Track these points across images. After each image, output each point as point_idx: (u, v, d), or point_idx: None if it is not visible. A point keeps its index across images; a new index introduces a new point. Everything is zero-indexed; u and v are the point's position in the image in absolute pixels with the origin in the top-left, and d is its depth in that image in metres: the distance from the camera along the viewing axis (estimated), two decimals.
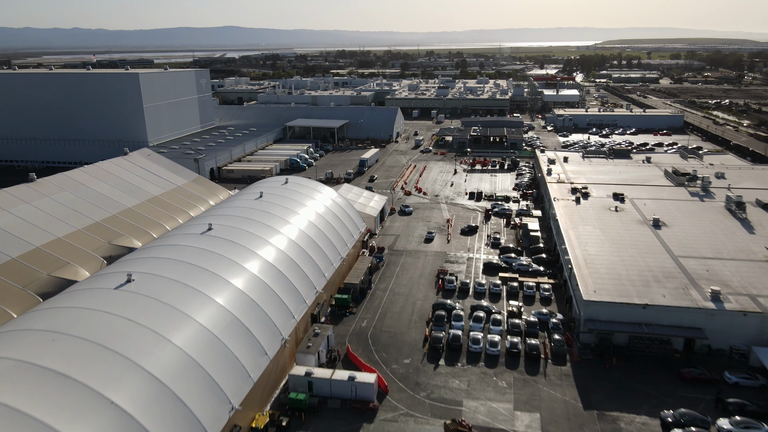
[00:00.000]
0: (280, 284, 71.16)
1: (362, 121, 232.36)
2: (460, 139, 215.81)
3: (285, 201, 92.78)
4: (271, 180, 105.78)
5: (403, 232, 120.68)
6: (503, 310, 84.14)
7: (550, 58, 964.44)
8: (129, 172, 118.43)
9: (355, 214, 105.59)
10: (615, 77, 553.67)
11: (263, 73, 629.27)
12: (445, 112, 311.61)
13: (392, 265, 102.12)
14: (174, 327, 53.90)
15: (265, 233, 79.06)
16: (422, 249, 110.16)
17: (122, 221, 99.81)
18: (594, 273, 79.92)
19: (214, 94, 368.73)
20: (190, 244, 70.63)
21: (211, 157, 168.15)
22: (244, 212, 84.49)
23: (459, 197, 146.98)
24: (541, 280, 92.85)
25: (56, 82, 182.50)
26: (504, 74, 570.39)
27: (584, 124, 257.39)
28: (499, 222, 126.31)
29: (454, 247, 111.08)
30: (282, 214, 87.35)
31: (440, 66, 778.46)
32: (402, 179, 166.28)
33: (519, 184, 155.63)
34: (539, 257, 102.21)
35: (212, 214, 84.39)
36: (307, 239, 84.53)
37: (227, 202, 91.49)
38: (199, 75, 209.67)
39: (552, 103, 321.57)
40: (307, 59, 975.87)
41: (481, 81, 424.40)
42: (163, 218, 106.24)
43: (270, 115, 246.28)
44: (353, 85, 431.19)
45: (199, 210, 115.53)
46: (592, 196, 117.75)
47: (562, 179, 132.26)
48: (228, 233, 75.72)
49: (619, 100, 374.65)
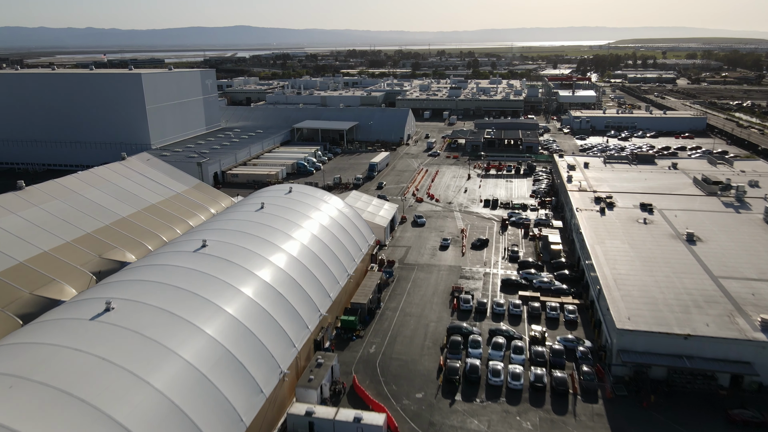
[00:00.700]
0: (279, 308, 64.42)
1: (372, 122, 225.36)
2: (474, 142, 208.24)
3: (288, 212, 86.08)
4: (273, 189, 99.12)
5: (415, 243, 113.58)
6: (525, 334, 76.82)
7: (563, 58, 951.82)
8: (126, 178, 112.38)
9: (363, 226, 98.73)
10: (630, 77, 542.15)
11: (273, 72, 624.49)
12: (458, 114, 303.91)
13: (403, 281, 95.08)
14: (154, 366, 47.27)
15: (265, 250, 72.37)
16: (435, 262, 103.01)
17: (115, 232, 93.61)
18: (626, 296, 72.36)
19: (223, 95, 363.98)
20: (180, 263, 64.05)
21: (215, 160, 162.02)
22: (242, 226, 77.87)
23: (473, 205, 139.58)
24: (565, 301, 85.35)
25: (58, 83, 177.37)
26: (517, 74, 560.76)
27: (602, 126, 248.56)
28: (517, 233, 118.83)
29: (469, 260, 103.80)
30: (284, 227, 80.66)
31: (451, 66, 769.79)
32: (413, 185, 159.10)
33: (536, 191, 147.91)
34: (562, 273, 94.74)
35: (208, 228, 77.86)
36: (311, 255, 77.77)
37: (225, 214, 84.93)
38: (204, 75, 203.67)
39: (568, 104, 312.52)
40: (318, 59, 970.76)
41: (494, 81, 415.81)
42: (160, 228, 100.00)
43: (278, 117, 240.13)
44: (363, 86, 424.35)
45: (199, 219, 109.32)
46: (618, 206, 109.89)
47: (583, 187, 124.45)
48: (223, 250, 69.10)
49: (636, 101, 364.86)
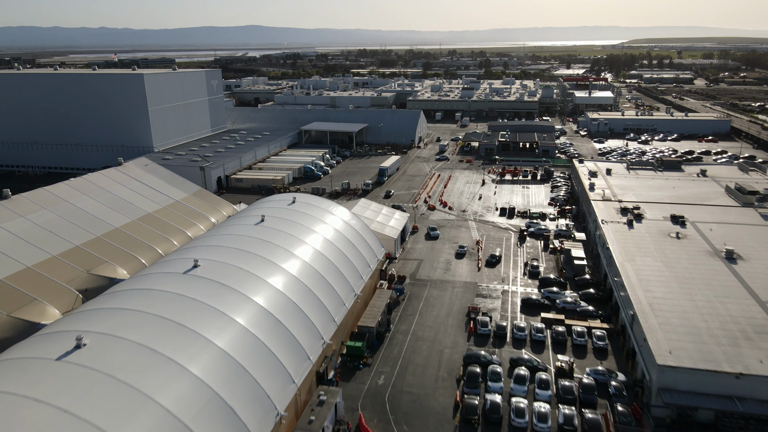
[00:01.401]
0: (277, 338, 57.60)
1: (383, 125, 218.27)
2: (488, 145, 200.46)
3: (290, 226, 79.28)
4: (276, 199, 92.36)
5: (427, 255, 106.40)
6: (550, 364, 69.45)
7: (576, 58, 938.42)
8: (121, 185, 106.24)
9: (372, 239, 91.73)
10: (646, 77, 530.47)
11: (283, 72, 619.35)
12: (470, 115, 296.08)
13: (415, 299, 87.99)
14: (126, 417, 40.56)
15: (263, 270, 65.58)
16: (449, 278, 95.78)
17: (106, 245, 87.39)
18: (665, 324, 64.76)
19: (231, 95, 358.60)
20: (167, 287, 57.39)
21: (218, 164, 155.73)
22: (239, 242, 71.15)
23: (489, 213, 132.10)
24: (593, 325, 77.82)
25: (58, 84, 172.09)
26: (530, 74, 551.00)
27: (620, 129, 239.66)
28: (536, 245, 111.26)
29: (486, 276, 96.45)
30: (285, 243, 73.85)
31: (463, 65, 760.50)
32: (425, 191, 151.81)
33: (555, 198, 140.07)
34: (587, 293, 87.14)
35: (202, 244, 71.19)
36: (315, 275, 70.90)
37: (222, 228, 78.27)
38: (209, 76, 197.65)
39: (584, 105, 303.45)
40: (328, 58, 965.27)
41: (507, 82, 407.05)
42: (155, 240, 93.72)
43: (285, 118, 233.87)
44: (374, 86, 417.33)
45: (198, 229, 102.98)
46: (646, 218, 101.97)
47: (607, 196, 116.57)
48: (216, 272, 62.38)
49: (654, 102, 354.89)
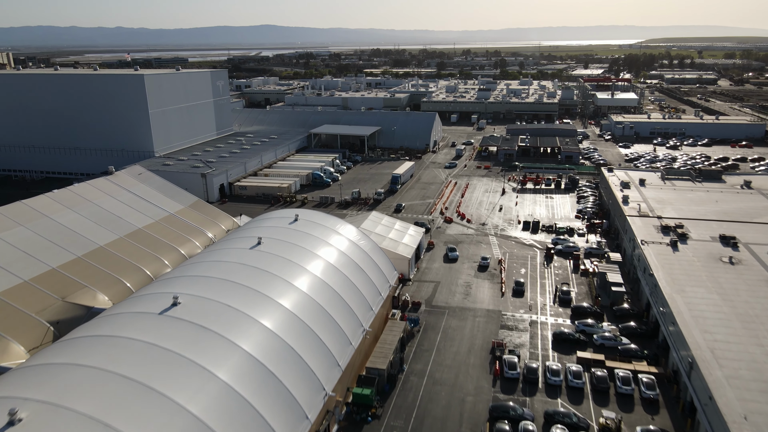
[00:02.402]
0: (268, 394, 47.93)
1: (396, 128, 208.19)
2: (507, 150, 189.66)
3: (289, 250, 69.61)
4: (275, 216, 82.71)
5: (445, 276, 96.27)
6: (592, 420, 59.07)
7: (593, 58, 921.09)
8: (110, 197, 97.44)
9: (384, 261, 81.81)
10: (667, 78, 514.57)
11: (295, 72, 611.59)
12: (486, 117, 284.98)
13: (431, 331, 77.98)
14: None
15: (254, 307, 55.97)
16: (470, 305, 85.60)
17: (87, 267, 78.45)
18: (733, 378, 54.14)
19: (241, 95, 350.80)
20: (136, 335, 47.93)
21: (221, 171, 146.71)
22: (229, 271, 61.59)
23: (510, 227, 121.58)
24: (639, 368, 67.23)
25: (56, 84, 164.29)
26: (547, 75, 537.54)
27: (646, 132, 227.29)
28: (565, 264, 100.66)
29: (511, 303, 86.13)
30: (283, 271, 64.16)
31: (478, 65, 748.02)
32: (441, 201, 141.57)
33: (582, 210, 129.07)
34: (628, 326, 76.54)
35: (186, 273, 61.69)
36: (316, 309, 61.15)
37: (212, 253, 68.75)
38: (215, 76, 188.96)
39: (606, 107, 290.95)
40: (341, 58, 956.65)
41: (525, 82, 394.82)
42: (143, 259, 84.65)
43: (295, 120, 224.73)
44: (387, 86, 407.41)
45: (192, 246, 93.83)
46: (692, 238, 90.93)
47: (644, 211, 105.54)
48: (198, 311, 52.87)
49: (679, 103, 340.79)
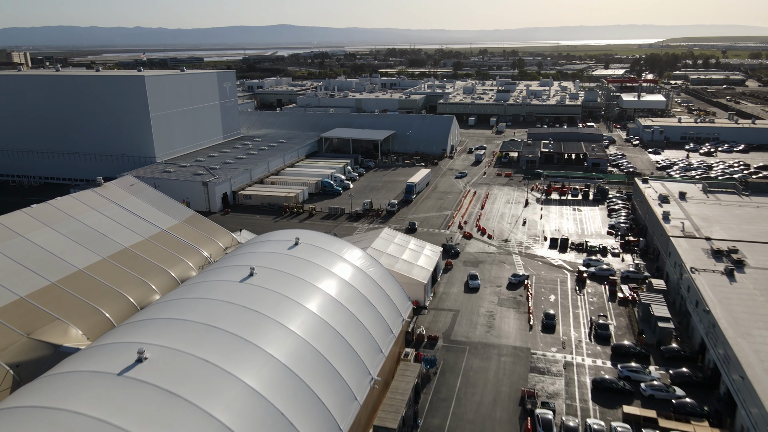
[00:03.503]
0: None
1: (411, 132, 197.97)
2: (529, 156, 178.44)
3: (286, 283, 59.84)
4: (274, 239, 72.92)
5: (465, 303, 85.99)
6: None
7: (614, 57, 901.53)
8: (96, 211, 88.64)
9: (396, 290, 71.68)
10: (692, 78, 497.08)
11: (309, 72, 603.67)
12: (506, 120, 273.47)
13: (450, 374, 67.81)
14: None
15: (239, 360, 46.22)
16: (493, 340, 75.23)
17: (61, 295, 69.53)
18: None
19: (252, 96, 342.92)
20: (83, 408, 38.21)
21: (225, 178, 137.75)
22: (212, 311, 51.96)
23: (536, 245, 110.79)
24: (699, 429, 56.37)
25: (55, 86, 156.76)
26: (567, 75, 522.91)
27: (677, 137, 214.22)
28: (599, 290, 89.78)
29: (541, 338, 75.60)
30: (277, 311, 54.40)
31: (495, 65, 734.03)
32: (459, 213, 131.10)
33: (615, 226, 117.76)
34: (680, 373, 65.60)
35: (160, 315, 52.11)
36: (314, 359, 51.26)
37: (195, 287, 59.11)
38: (222, 77, 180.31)
39: (632, 110, 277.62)
40: (356, 57, 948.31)
41: (545, 83, 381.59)
42: (127, 284, 75.55)
43: (306, 123, 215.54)
44: (402, 87, 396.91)
45: (185, 267, 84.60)
46: (749, 264, 79.54)
47: (689, 230, 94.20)
48: (169, 369, 43.19)
49: (707, 105, 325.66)
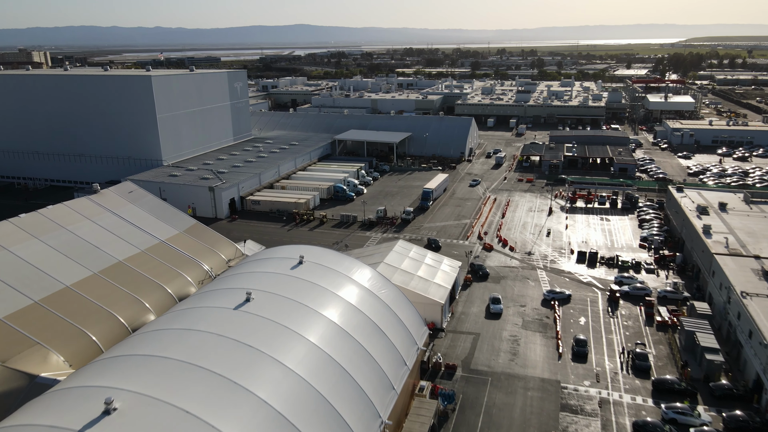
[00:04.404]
0: None
1: (428, 134, 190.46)
2: (552, 160, 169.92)
3: (286, 311, 52.98)
4: (276, 257, 66.06)
5: (485, 326, 78.49)
6: None
7: (635, 57, 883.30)
8: (90, 221, 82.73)
9: (411, 315, 64.50)
10: (719, 79, 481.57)
11: (325, 71, 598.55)
12: (526, 121, 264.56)
13: (470, 411, 60.44)
14: None
15: (226, 408, 39.45)
16: (518, 370, 67.63)
17: (44, 316, 63.46)
18: None
19: (266, 96, 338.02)
20: None
21: (233, 183, 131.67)
22: (200, 348, 45.27)
23: (562, 258, 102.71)
24: None
25: (61, 86, 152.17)
26: (588, 75, 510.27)
27: (708, 141, 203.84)
28: (634, 312, 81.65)
29: (572, 369, 67.80)
30: (273, 345, 47.54)
31: (514, 65, 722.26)
32: (478, 222, 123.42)
33: (647, 238, 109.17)
34: (734, 417, 57.48)
35: (137, 351, 45.50)
36: (315, 402, 44.30)
37: (182, 315, 52.43)
38: (232, 77, 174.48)
39: (659, 112, 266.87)
40: (373, 57, 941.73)
41: (566, 83, 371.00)
42: (118, 303, 69.23)
43: (319, 124, 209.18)
44: (419, 87, 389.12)
45: (183, 282, 78.27)
46: None
47: (734, 247, 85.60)
48: (141, 422, 36.56)
49: (736, 107, 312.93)
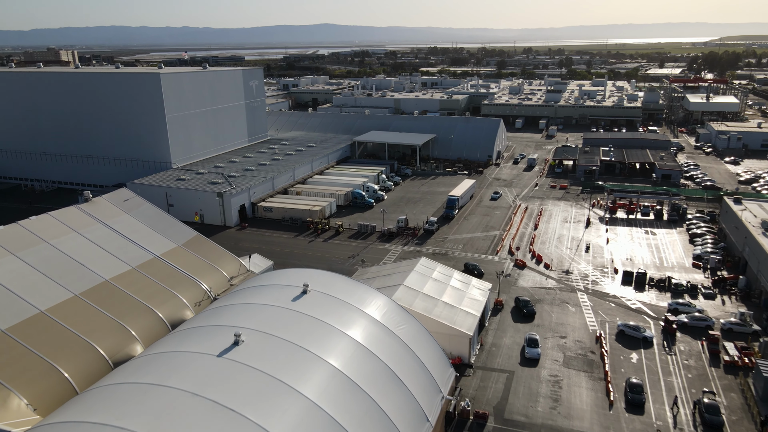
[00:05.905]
0: None
1: (454, 136, 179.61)
2: (587, 165, 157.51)
3: (282, 356, 43.27)
4: (276, 284, 56.43)
5: (520, 362, 67.76)
6: None
7: (668, 56, 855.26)
8: (77, 234, 74.35)
9: (434, 355, 54.33)
10: (759, 78, 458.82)
11: (348, 70, 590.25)
12: (556, 123, 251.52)
13: None
14: None
15: None
16: (561, 422, 56.86)
17: (10, 348, 54.86)
18: None
19: (287, 95, 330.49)
20: None
21: (243, 188, 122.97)
22: (168, 412, 35.85)
23: (605, 279, 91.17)
24: None
25: (68, 85, 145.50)
26: (620, 74, 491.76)
27: (758, 145, 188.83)
28: (694, 348, 69.98)
29: (626, 423, 56.71)
30: (260, 408, 37.87)
31: (541, 64, 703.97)
32: (509, 234, 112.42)
33: (702, 256, 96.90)
34: None
35: (90, 418, 36.28)
36: None
37: (154, 359, 43.21)
38: (248, 75, 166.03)
39: (700, 113, 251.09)
40: (397, 56, 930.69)
41: (598, 83, 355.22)
42: (97, 332, 60.37)
43: (338, 125, 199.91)
44: (443, 86, 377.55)
45: (178, 304, 69.27)
46: None
47: None
48: None
49: None
